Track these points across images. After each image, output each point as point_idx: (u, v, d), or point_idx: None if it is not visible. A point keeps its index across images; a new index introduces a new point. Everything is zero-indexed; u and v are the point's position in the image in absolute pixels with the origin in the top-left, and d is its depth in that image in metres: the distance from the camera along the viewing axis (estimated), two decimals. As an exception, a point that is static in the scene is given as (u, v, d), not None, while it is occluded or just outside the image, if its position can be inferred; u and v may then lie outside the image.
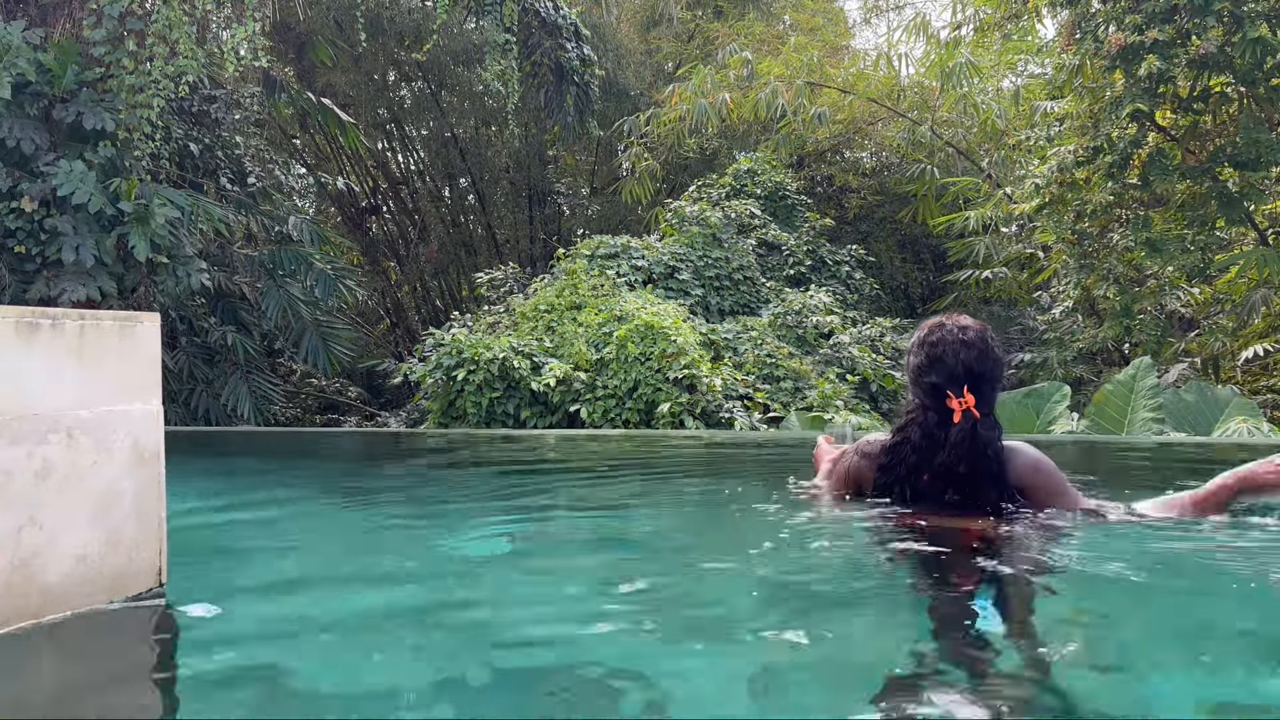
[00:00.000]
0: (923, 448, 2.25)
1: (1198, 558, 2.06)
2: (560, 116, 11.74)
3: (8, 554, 1.35)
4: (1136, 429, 6.10)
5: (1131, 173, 8.01)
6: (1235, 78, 7.65)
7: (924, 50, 13.32)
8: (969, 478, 2.20)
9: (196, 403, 9.34)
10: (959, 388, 2.23)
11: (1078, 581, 1.84)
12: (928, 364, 2.30)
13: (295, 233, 10.20)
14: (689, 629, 1.54)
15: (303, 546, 2.30)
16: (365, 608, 1.69)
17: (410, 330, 16.89)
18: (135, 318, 1.58)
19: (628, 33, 16.59)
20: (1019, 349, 11.28)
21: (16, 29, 7.39)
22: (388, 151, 17.37)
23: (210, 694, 1.29)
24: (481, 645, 1.48)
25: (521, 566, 2.07)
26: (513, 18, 10.22)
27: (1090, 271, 8.93)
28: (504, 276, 12.59)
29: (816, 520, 2.38)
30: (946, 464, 2.20)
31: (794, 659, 1.38)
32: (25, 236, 7.54)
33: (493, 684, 1.30)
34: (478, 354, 8.54)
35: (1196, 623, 1.60)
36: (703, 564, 2.09)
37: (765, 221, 12.11)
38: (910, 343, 2.41)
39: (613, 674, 1.34)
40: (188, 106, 9.65)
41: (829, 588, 1.84)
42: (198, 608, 1.64)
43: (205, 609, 1.65)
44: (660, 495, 3.26)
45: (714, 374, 8.42)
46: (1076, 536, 2.10)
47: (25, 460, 1.38)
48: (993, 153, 11.72)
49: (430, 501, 3.18)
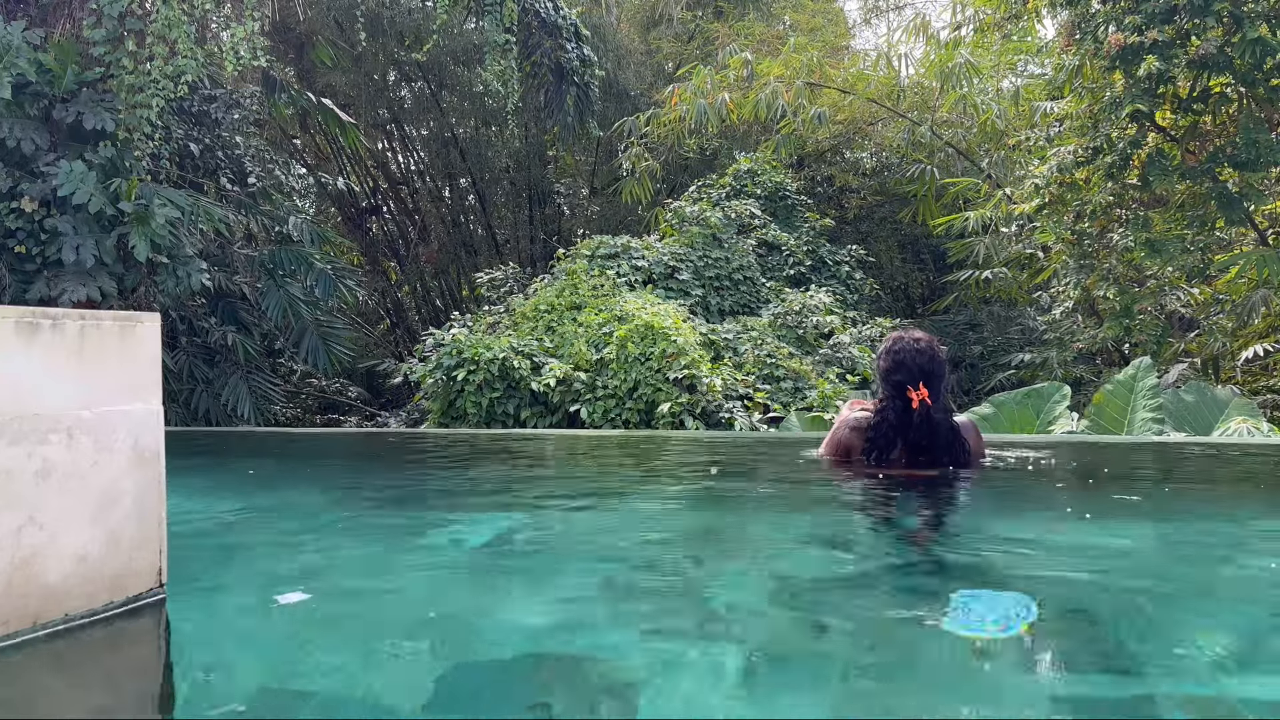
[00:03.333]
0: (896, 426, 3.08)
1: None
2: (560, 117, 11.74)
3: (8, 554, 1.35)
4: (1136, 429, 6.10)
5: (1131, 173, 8.01)
6: (1235, 78, 7.64)
7: (924, 50, 13.32)
8: (928, 447, 3.08)
9: (196, 403, 9.34)
10: (915, 383, 3.02)
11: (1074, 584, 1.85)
12: (894, 366, 3.09)
13: (295, 233, 10.20)
14: (690, 628, 1.54)
15: (303, 546, 2.30)
16: (366, 607, 1.69)
17: (410, 330, 16.89)
18: (136, 318, 1.59)
19: (628, 33, 16.59)
20: (1019, 349, 11.28)
21: (16, 29, 7.39)
22: (388, 151, 17.37)
23: (210, 694, 1.29)
24: (482, 644, 1.48)
25: (522, 565, 2.08)
26: (513, 18, 10.22)
27: (1090, 272, 8.93)
28: (504, 276, 12.59)
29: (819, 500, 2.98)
30: (913, 439, 3.07)
31: (797, 654, 1.38)
32: (25, 237, 7.54)
33: (493, 683, 1.30)
34: (478, 354, 8.54)
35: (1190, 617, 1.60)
36: (704, 560, 2.09)
37: (765, 222, 12.11)
38: (879, 351, 3.23)
39: (612, 674, 1.34)
40: (188, 106, 9.66)
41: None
42: (198, 608, 1.64)
43: (205, 609, 1.65)
44: (661, 492, 3.27)
45: (714, 374, 8.42)
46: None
47: (26, 460, 1.38)
48: (992, 153, 11.72)
49: (430, 500, 3.18)
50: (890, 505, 2.78)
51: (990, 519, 2.69)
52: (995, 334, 12.35)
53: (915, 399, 2.99)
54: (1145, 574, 1.98)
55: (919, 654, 1.41)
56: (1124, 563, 2.08)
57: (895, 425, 3.06)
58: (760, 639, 1.50)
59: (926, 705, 1.22)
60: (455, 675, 1.34)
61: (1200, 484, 3.62)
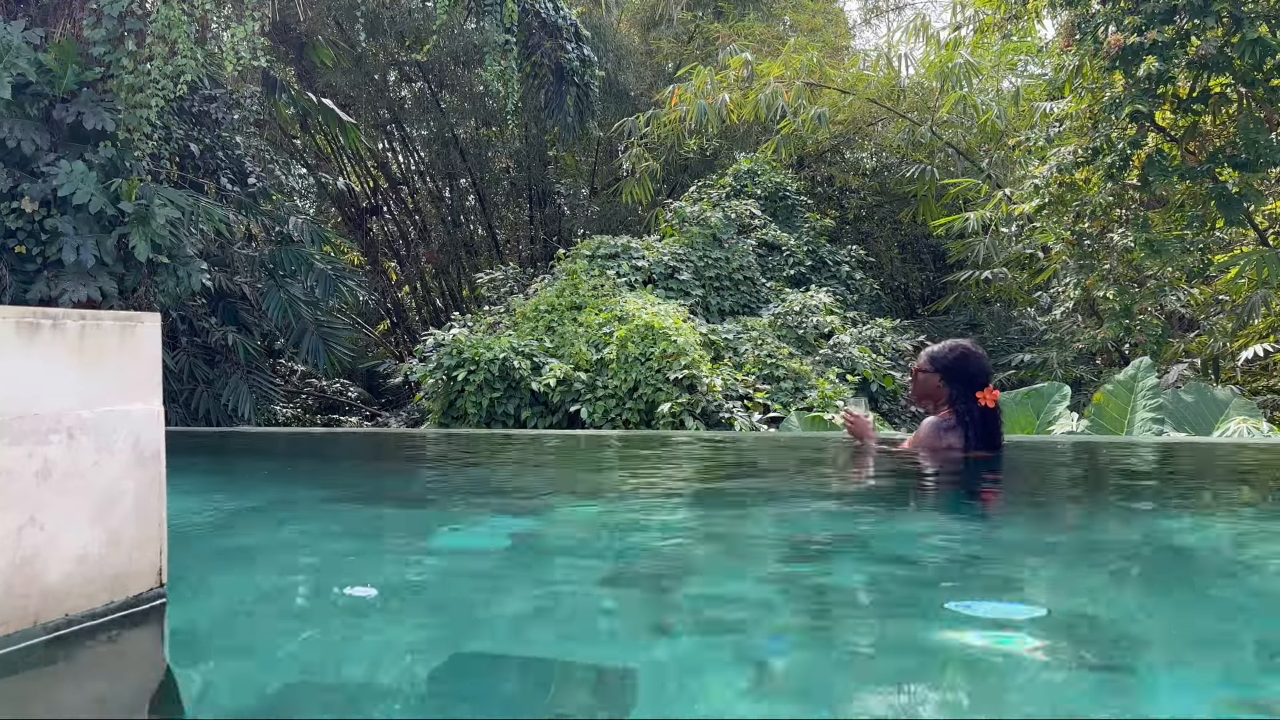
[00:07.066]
0: (984, 422, 3.62)
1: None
2: (560, 117, 11.74)
3: (8, 554, 1.35)
4: (1136, 429, 6.10)
5: (1131, 173, 8.01)
6: (1235, 78, 7.64)
7: (924, 51, 13.33)
8: (997, 435, 3.70)
9: (196, 403, 9.34)
10: (987, 385, 3.65)
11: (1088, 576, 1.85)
12: (978, 372, 3.66)
13: (296, 233, 10.19)
14: (692, 626, 1.54)
15: (303, 546, 2.30)
16: (366, 607, 1.69)
17: (411, 330, 16.90)
18: (136, 318, 1.59)
19: (628, 33, 16.60)
20: (1019, 349, 11.28)
21: (16, 29, 7.39)
22: (388, 152, 17.38)
23: (210, 694, 1.29)
24: (482, 644, 1.48)
25: (523, 565, 2.08)
26: (513, 18, 10.22)
27: (1090, 272, 8.93)
28: (504, 277, 12.60)
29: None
30: (991, 430, 3.65)
31: (802, 654, 1.39)
32: (26, 237, 7.54)
33: (493, 683, 1.30)
34: (478, 354, 8.54)
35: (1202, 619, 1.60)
36: (707, 557, 2.09)
37: (765, 222, 12.11)
38: (944, 356, 3.70)
39: (613, 672, 1.34)
40: (188, 106, 9.65)
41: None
42: (198, 608, 1.64)
43: (206, 609, 1.65)
44: (662, 491, 3.27)
45: (714, 374, 8.42)
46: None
47: (26, 460, 1.38)
48: (992, 153, 11.72)
49: (430, 500, 3.18)
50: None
51: (1000, 519, 2.70)
52: (995, 334, 12.36)
53: (990, 399, 3.59)
54: (1147, 574, 1.98)
55: (924, 655, 1.41)
56: (1128, 563, 2.08)
57: (984, 422, 3.62)
58: (763, 638, 1.50)
59: (929, 705, 1.22)
60: (455, 675, 1.34)
61: (1202, 485, 3.62)
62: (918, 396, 3.85)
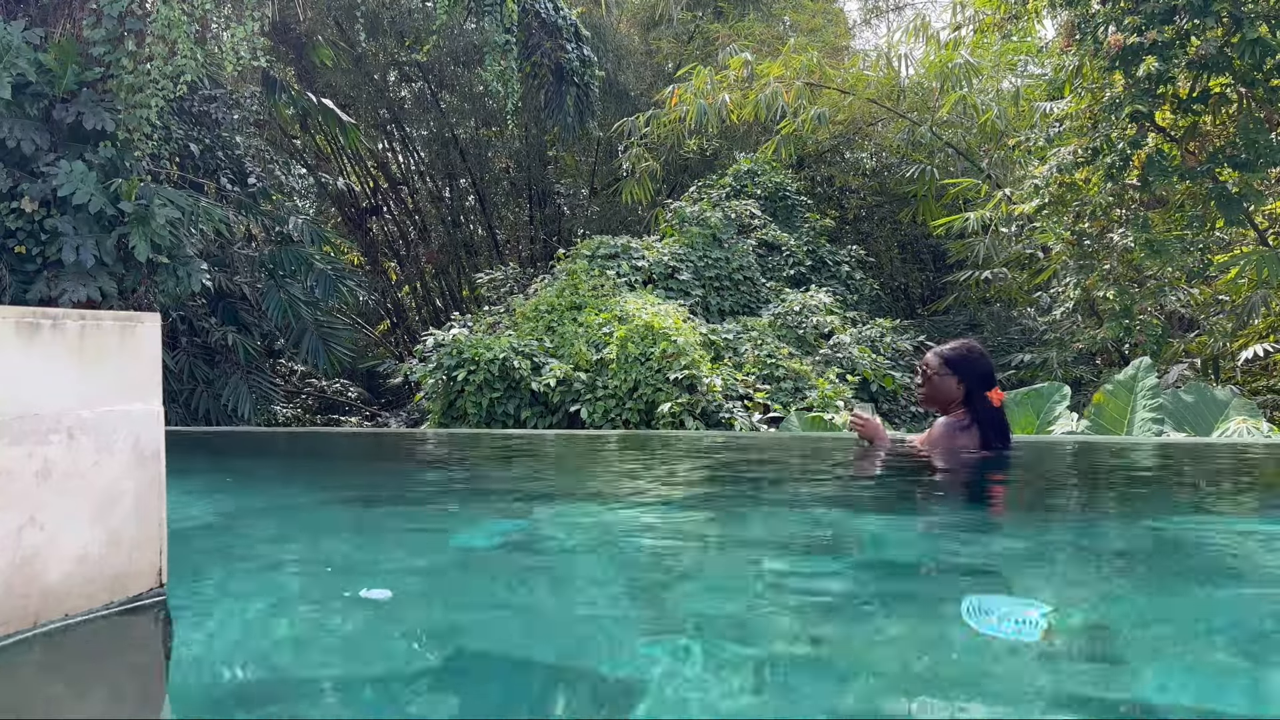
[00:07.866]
0: (997, 421, 3.70)
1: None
2: (560, 117, 11.74)
3: (8, 554, 1.35)
4: (1136, 429, 6.10)
5: (1131, 173, 8.01)
6: (1235, 78, 7.64)
7: (924, 51, 13.33)
8: (1007, 432, 3.78)
9: (196, 403, 9.35)
10: (994, 385, 3.74)
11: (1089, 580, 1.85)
12: (988, 373, 3.73)
13: (296, 233, 10.20)
14: (692, 626, 1.54)
15: (303, 546, 2.30)
16: (366, 606, 1.69)
17: (410, 330, 16.91)
18: (136, 318, 1.59)
19: (628, 33, 16.60)
20: (1019, 349, 11.28)
21: (16, 29, 7.39)
22: (388, 152, 17.38)
23: (210, 694, 1.29)
24: (482, 644, 1.48)
25: (523, 565, 2.08)
26: (513, 18, 10.23)
27: (1090, 272, 8.93)
28: (504, 277, 12.60)
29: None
30: (1003, 428, 3.75)
31: (800, 653, 1.39)
32: (26, 237, 7.54)
33: (493, 682, 1.30)
34: (478, 354, 8.54)
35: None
36: (707, 558, 2.09)
37: (765, 222, 12.11)
38: (957, 357, 3.74)
39: (613, 673, 1.34)
40: (188, 106, 9.66)
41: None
42: (198, 608, 1.64)
43: (206, 609, 1.65)
44: (662, 491, 3.27)
45: (714, 374, 8.42)
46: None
47: (26, 460, 1.38)
48: (992, 153, 11.72)
49: (430, 500, 3.18)
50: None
51: (1011, 518, 2.70)
52: (995, 334, 12.36)
53: (998, 398, 3.70)
54: (1150, 575, 1.98)
55: (932, 653, 1.41)
56: (1132, 564, 2.08)
57: (996, 420, 3.71)
58: (767, 636, 1.50)
59: (933, 706, 1.22)
60: (455, 675, 1.34)
61: (1203, 484, 3.62)
62: (929, 398, 3.82)
